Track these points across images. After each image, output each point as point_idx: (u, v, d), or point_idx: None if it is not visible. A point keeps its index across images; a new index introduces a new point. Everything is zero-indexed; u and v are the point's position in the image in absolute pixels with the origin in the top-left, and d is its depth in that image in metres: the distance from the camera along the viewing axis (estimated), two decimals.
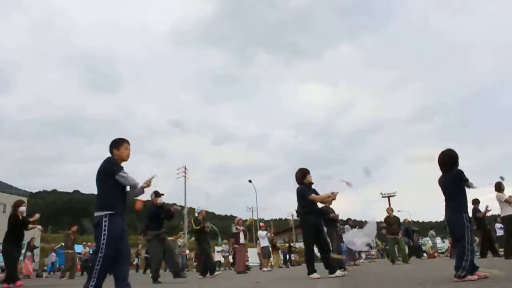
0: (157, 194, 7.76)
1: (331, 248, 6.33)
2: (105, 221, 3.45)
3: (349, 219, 13.79)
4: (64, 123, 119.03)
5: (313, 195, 6.00)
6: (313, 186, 6.19)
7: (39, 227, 8.52)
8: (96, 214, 3.53)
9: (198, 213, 9.76)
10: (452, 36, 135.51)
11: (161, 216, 7.78)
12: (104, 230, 3.42)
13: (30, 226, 7.70)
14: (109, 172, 3.56)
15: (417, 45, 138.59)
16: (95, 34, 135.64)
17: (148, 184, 3.87)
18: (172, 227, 26.68)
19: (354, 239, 7.79)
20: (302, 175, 6.13)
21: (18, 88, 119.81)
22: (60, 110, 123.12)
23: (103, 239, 3.41)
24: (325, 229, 6.56)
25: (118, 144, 3.74)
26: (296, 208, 6.33)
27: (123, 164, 3.74)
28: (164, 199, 8.01)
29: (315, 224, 5.97)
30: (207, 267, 9.31)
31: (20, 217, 7.49)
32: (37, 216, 7.93)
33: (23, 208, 7.57)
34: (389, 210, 12.67)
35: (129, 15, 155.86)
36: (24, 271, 13.97)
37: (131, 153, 3.79)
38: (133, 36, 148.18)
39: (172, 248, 8.59)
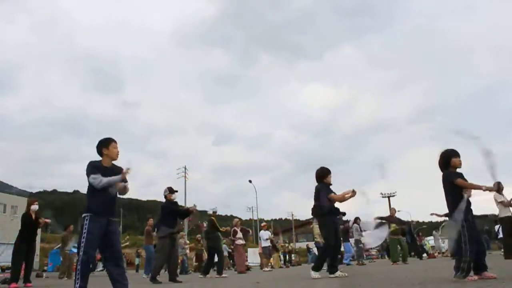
0: (171, 190, 7.60)
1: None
2: (86, 222, 3.53)
3: (357, 218, 13.59)
4: (66, 124, 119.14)
5: (333, 194, 6.03)
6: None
7: (48, 220, 8.43)
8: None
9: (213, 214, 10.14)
10: (453, 36, 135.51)
11: (176, 213, 7.63)
12: (84, 231, 3.51)
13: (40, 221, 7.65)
14: (87, 176, 3.63)
15: (418, 46, 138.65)
16: (98, 35, 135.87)
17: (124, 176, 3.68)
18: None
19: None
20: (323, 174, 6.16)
21: (21, 88, 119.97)
22: (63, 111, 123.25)
23: (82, 240, 3.50)
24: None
25: (107, 143, 3.78)
26: (313, 206, 6.24)
27: (114, 162, 3.79)
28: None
29: (335, 224, 6.12)
30: (217, 267, 9.33)
31: (33, 216, 7.36)
32: (47, 220, 7.94)
33: (35, 207, 7.43)
34: (392, 210, 12.68)
35: (132, 16, 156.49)
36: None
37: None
38: (136, 37, 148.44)
39: (177, 252, 8.37)
